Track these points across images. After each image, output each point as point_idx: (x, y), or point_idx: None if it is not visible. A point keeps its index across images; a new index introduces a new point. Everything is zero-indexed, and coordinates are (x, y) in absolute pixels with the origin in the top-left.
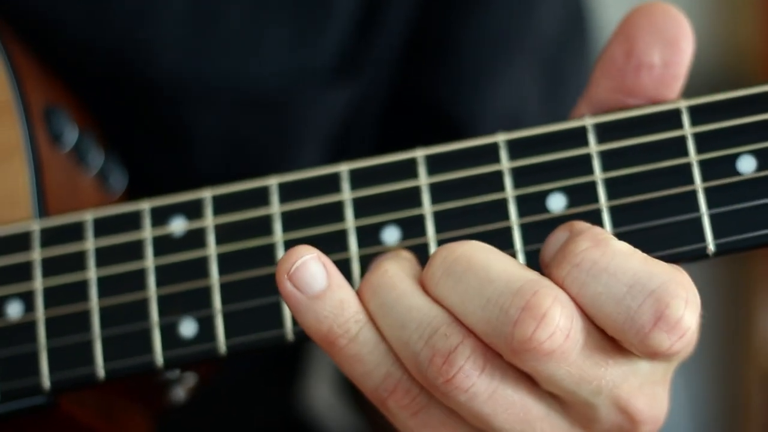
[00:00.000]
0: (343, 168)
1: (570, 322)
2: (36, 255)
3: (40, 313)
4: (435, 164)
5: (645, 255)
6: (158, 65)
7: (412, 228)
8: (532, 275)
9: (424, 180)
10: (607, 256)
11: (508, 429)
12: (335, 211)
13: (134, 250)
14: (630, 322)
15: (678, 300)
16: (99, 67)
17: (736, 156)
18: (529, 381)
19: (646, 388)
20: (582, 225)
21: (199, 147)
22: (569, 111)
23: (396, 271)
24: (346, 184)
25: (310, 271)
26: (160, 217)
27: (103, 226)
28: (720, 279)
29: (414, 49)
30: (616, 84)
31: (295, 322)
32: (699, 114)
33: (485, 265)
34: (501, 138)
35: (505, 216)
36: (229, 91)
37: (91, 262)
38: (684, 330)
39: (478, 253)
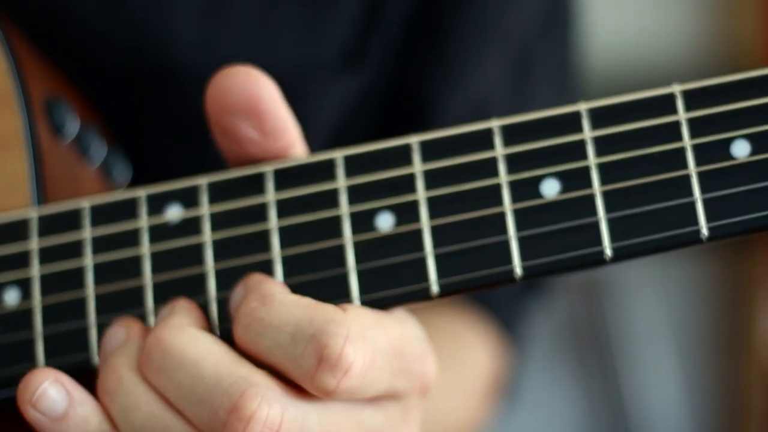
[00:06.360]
0: (338, 155)
1: (280, 412)
2: (33, 243)
3: (36, 300)
4: (429, 150)
5: (312, 302)
6: (173, 53)
7: (406, 214)
8: (243, 370)
9: (418, 166)
10: (272, 311)
11: None
12: (330, 198)
13: (130, 238)
14: (299, 368)
15: (336, 338)
16: (113, 56)
17: (730, 140)
18: None
19: None
20: (254, 280)
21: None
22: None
23: (127, 377)
24: (340, 171)
25: (51, 396)
26: (156, 204)
27: (99, 214)
28: (720, 279)
29: (410, 40)
30: (242, 152)
31: None
32: (693, 99)
33: (196, 361)
34: (495, 124)
35: (499, 201)
36: None
37: (88, 249)
38: (347, 366)
39: (190, 347)
